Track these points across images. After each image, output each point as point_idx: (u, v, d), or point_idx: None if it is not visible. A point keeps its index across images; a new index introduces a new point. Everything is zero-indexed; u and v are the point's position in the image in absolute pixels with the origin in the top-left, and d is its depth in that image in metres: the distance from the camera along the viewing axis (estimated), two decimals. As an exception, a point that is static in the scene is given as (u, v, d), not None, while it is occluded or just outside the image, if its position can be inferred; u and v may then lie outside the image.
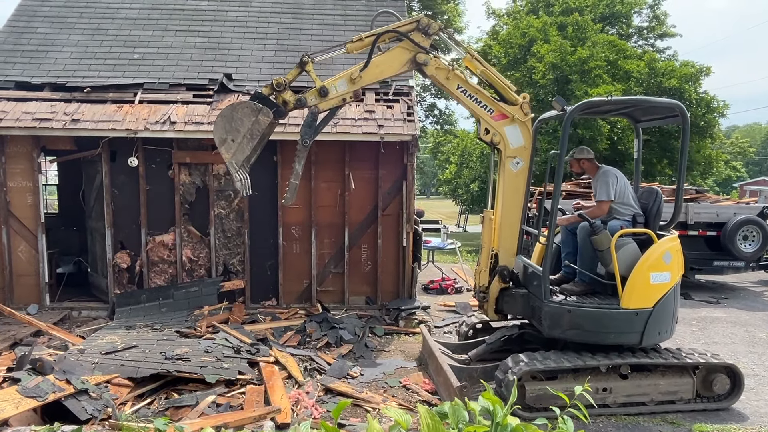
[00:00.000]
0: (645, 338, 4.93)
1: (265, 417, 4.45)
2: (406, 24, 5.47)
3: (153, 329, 6.75)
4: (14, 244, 7.96)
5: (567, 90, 17.80)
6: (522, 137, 5.45)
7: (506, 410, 2.92)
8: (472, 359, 5.65)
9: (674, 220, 5.39)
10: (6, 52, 8.73)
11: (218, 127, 5.20)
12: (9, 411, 4.10)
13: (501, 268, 5.48)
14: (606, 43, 19.23)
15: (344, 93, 5.40)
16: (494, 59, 22.47)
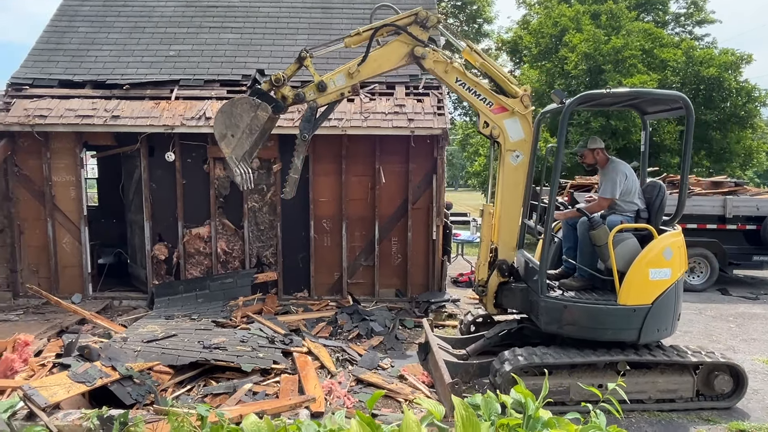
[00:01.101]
0: (643, 335, 4.85)
1: (301, 405, 4.56)
2: (404, 17, 5.41)
3: (191, 319, 6.98)
4: (59, 236, 8.31)
5: (600, 80, 17.43)
6: (522, 130, 5.36)
7: (538, 404, 2.96)
8: (470, 354, 5.62)
9: (678, 214, 5.26)
10: (49, 51, 9.06)
11: (218, 123, 5.26)
12: (60, 395, 4.32)
13: (500, 262, 5.43)
14: (641, 31, 18.73)
15: (342, 88, 5.42)
16: (525, 50, 22.15)
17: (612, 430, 2.83)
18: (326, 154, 8.19)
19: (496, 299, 5.54)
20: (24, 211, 8.28)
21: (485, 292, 5.55)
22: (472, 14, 26.17)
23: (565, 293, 5.18)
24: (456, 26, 26.79)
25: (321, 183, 8.25)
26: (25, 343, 5.42)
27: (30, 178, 8.21)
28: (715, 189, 10.81)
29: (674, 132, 17.35)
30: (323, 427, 2.79)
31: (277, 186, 8.24)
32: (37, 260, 8.36)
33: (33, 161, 8.17)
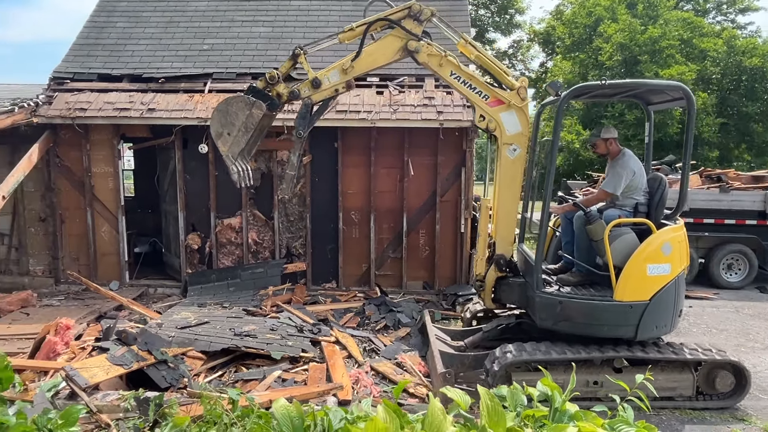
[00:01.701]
0: (640, 332, 4.72)
1: (328, 393, 4.65)
2: (397, 11, 5.31)
3: (222, 307, 7.14)
4: (98, 225, 8.59)
5: (636, 71, 17.01)
6: (519, 123, 5.23)
7: (565, 396, 2.95)
8: (467, 346, 5.59)
9: (679, 208, 5.09)
10: (89, 46, 9.34)
11: (214, 121, 5.29)
12: (100, 376, 4.51)
13: (498, 256, 5.33)
14: (680, 20, 18.16)
15: (337, 84, 5.36)
16: (558, 41, 21.74)
17: (640, 425, 2.81)
18: (355, 146, 8.23)
19: (494, 294, 5.47)
20: (65, 201, 8.58)
21: (483, 286, 5.48)
22: (503, 5, 25.74)
23: (561, 289, 5.10)
24: (487, 17, 26.46)
25: (350, 175, 8.31)
26: (66, 327, 5.62)
27: (71, 169, 8.49)
28: (756, 183, 10.43)
29: (713, 124, 16.81)
30: (350, 414, 2.85)
31: (306, 178, 8.34)
32: (77, 248, 8.66)
33: (73, 153, 8.44)
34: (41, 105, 8.19)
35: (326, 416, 2.72)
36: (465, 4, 9.96)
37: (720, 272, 9.76)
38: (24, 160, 7.55)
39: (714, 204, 9.68)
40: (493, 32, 26.91)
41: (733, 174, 10.90)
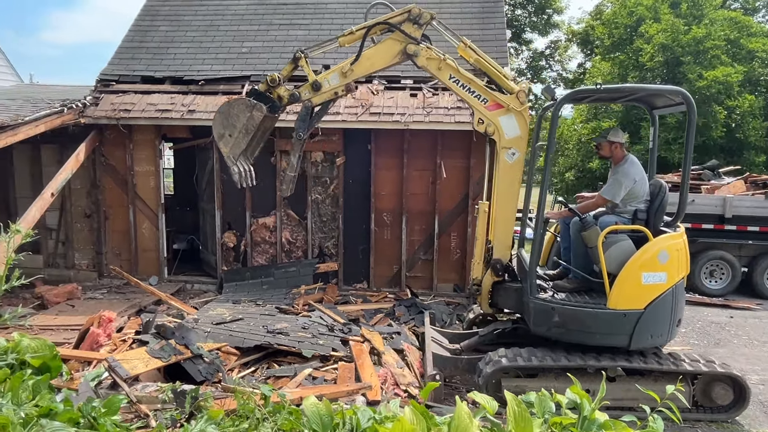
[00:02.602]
0: (634, 341, 4.61)
1: (357, 392, 4.69)
2: (397, 15, 5.27)
3: (256, 304, 7.28)
4: (139, 221, 8.89)
5: (678, 73, 16.51)
6: (518, 127, 5.15)
7: (595, 405, 2.92)
8: (463, 350, 5.53)
9: (680, 214, 4.92)
10: (134, 49, 9.66)
11: (216, 123, 5.34)
12: (140, 368, 4.68)
13: (494, 261, 5.26)
14: (726, 19, 17.52)
15: (336, 87, 5.36)
16: (597, 41, 21.29)
17: (672, 437, 2.76)
18: (388, 148, 8.28)
19: (491, 298, 5.40)
20: (109, 199, 8.90)
21: (479, 291, 5.43)
22: (541, 5, 25.36)
23: (555, 295, 5.01)
24: (524, 17, 26.12)
25: (382, 177, 8.36)
26: (108, 319, 5.83)
27: (115, 168, 8.81)
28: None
29: (760, 128, 16.15)
30: (378, 414, 2.90)
31: (339, 179, 8.43)
32: (119, 244, 8.97)
33: (118, 152, 8.75)
34: (88, 106, 8.52)
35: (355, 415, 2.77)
36: (501, 5, 9.87)
37: (765, 282, 9.41)
38: (71, 159, 7.86)
39: (759, 211, 9.34)
40: (530, 32, 26.55)
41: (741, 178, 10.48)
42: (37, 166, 9.14)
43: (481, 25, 9.40)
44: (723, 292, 9.41)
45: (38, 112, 7.78)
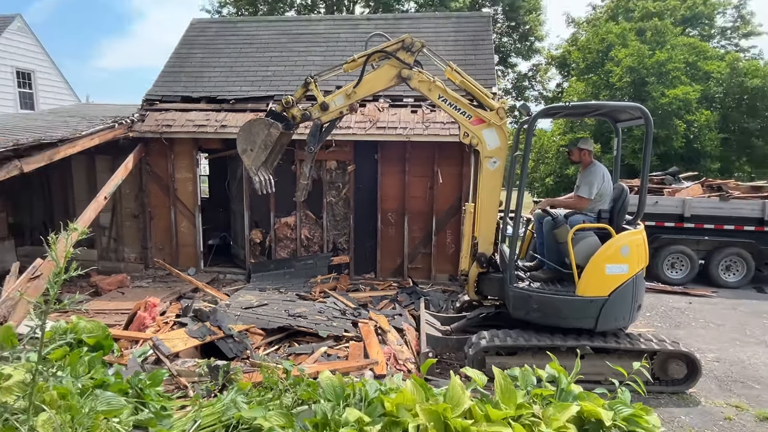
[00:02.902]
0: (600, 324, 4.60)
1: (366, 367, 4.69)
2: (393, 44, 5.28)
3: (279, 292, 7.30)
4: (179, 221, 8.93)
5: (643, 92, 16.39)
6: (498, 139, 5.14)
7: (570, 379, 2.92)
8: (453, 331, 5.53)
9: (639, 213, 4.90)
10: (174, 73, 9.72)
11: (240, 139, 5.42)
12: (180, 346, 4.70)
13: (479, 254, 5.25)
14: (685, 45, 17.40)
15: (341, 107, 5.37)
16: (573, 64, 21.19)
17: (638, 406, 2.75)
18: (392, 157, 8.28)
19: (476, 287, 5.38)
20: (153, 201, 8.95)
21: (467, 280, 5.42)
22: (524, 33, 25.24)
23: (532, 284, 5.00)
24: (510, 44, 26.02)
25: (387, 182, 8.35)
26: (153, 304, 5.88)
27: (158, 175, 8.86)
28: (755, 193, 9.91)
29: (715, 139, 16.02)
30: (384, 386, 2.90)
31: (350, 184, 8.44)
32: (162, 240, 9.01)
33: (161, 161, 8.80)
34: (136, 122, 8.57)
35: (364, 387, 2.78)
36: (489, 34, 9.85)
37: (719, 273, 9.33)
38: (121, 168, 7.91)
39: (714, 211, 9.27)
40: (515, 57, 26.42)
41: (733, 184, 10.38)
42: (92, 173, 9.20)
43: (473, 50, 9.38)
44: (683, 282, 9.35)
45: (93, 128, 7.83)
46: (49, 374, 2.44)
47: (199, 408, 2.98)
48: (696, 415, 4.40)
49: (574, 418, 2.55)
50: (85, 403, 2.29)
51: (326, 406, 2.53)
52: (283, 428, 2.42)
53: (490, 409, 2.45)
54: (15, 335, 2.97)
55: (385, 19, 10.69)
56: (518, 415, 2.52)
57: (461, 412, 2.41)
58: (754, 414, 4.43)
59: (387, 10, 21.99)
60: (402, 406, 2.41)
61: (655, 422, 2.63)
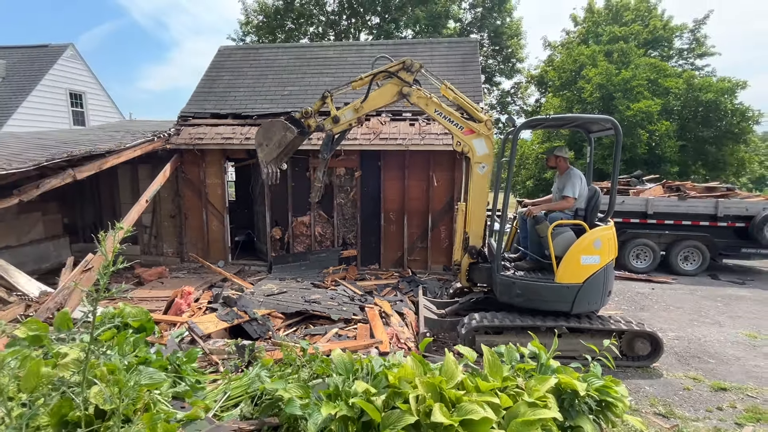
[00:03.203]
0: (575, 307, 4.60)
1: (372, 346, 4.70)
2: (395, 65, 5.32)
3: (296, 281, 7.31)
4: (210, 220, 8.95)
5: (611, 105, 16.30)
6: (486, 147, 5.17)
7: (549, 355, 2.90)
8: (447, 314, 5.52)
9: (609, 212, 4.90)
10: (204, 93, 9.74)
11: (258, 134, 5.38)
12: (211, 328, 4.72)
13: (470, 247, 5.26)
14: (648, 64, 17.28)
15: (351, 119, 5.39)
16: (549, 82, 21.08)
17: (608, 379, 2.74)
18: (393, 165, 8.26)
19: (468, 275, 5.38)
20: (188, 204, 8.98)
21: (460, 269, 5.42)
22: (507, 55, 25.14)
23: (516, 273, 4.99)
24: (494, 65, 25.91)
25: (389, 186, 8.35)
26: (188, 292, 5.90)
27: (192, 181, 8.89)
28: (709, 193, 9.85)
29: (674, 146, 15.92)
30: (387, 361, 2.90)
31: (357, 188, 8.43)
32: (195, 237, 9.04)
33: (194, 169, 8.83)
34: (172, 136, 8.59)
35: (370, 363, 2.78)
36: (477, 56, 9.82)
37: (678, 262, 9.28)
38: (160, 175, 7.94)
39: (673, 209, 9.22)
40: (498, 76, 26.33)
41: (690, 185, 10.32)
42: (135, 180, 9.24)
43: (462, 71, 9.35)
44: (646, 270, 9.30)
45: (136, 141, 7.86)
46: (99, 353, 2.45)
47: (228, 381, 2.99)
48: (659, 386, 4.38)
49: (553, 389, 2.54)
50: (131, 378, 2.30)
51: (338, 380, 2.53)
52: (301, 398, 2.42)
53: (480, 382, 2.45)
54: (71, 319, 2.99)
55: (386, 45, 10.66)
56: (504, 387, 2.52)
57: (455, 384, 2.41)
58: (710, 385, 4.41)
59: (388, 37, 21.95)
60: (403, 379, 2.41)
61: (623, 392, 2.62)
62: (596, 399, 2.56)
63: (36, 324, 2.71)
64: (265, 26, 23.26)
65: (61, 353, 2.45)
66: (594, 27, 21.21)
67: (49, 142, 8.01)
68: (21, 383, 2.20)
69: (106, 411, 2.12)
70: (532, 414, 2.23)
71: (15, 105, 14.54)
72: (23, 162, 5.94)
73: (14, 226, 8.03)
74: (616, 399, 2.56)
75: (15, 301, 5.35)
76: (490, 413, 2.16)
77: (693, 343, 5.54)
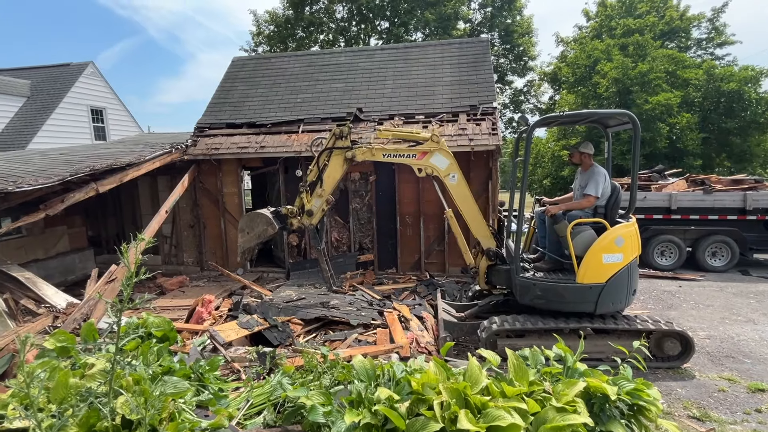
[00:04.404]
0: (599, 307, 4.45)
1: (392, 351, 4.66)
2: (329, 140, 5.56)
3: (314, 287, 7.32)
4: (228, 229, 9.06)
5: (628, 99, 15.94)
6: (445, 158, 5.19)
7: (576, 357, 2.82)
8: (467, 317, 5.45)
9: (631, 208, 4.74)
10: (220, 104, 9.90)
11: (243, 220, 5.79)
12: (232, 336, 4.75)
13: (487, 249, 5.21)
14: (665, 56, 16.85)
15: (321, 206, 5.69)
16: (563, 78, 20.77)
17: (639, 381, 2.64)
18: (408, 168, 8.19)
19: (486, 278, 5.31)
20: (206, 213, 9.12)
21: (478, 272, 5.35)
22: (518, 54, 24.89)
23: (535, 274, 4.87)
24: (506, 64, 25.69)
25: (404, 189, 8.31)
26: (209, 300, 5.96)
27: (209, 191, 9.02)
28: (736, 186, 9.50)
29: (697, 139, 15.46)
30: (409, 367, 2.86)
31: (372, 192, 8.43)
32: (214, 245, 9.17)
33: (211, 179, 8.96)
34: (189, 147, 8.75)
35: (391, 369, 2.75)
36: (488, 56, 9.73)
37: (705, 258, 8.97)
38: (179, 186, 8.08)
39: (699, 203, 8.93)
40: (510, 75, 26.07)
41: (715, 178, 9.98)
42: (154, 191, 9.43)
43: (474, 71, 9.29)
44: (672, 267, 9.02)
45: (154, 153, 8.03)
46: (125, 363, 2.48)
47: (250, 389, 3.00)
48: (691, 388, 4.21)
49: (582, 393, 2.46)
50: (156, 387, 2.32)
51: (360, 386, 2.51)
52: (323, 405, 2.40)
53: (506, 386, 2.39)
54: (96, 330, 3.05)
55: (396, 49, 10.66)
56: (531, 392, 2.45)
57: (479, 389, 2.36)
58: (746, 386, 4.22)
59: (398, 41, 22.00)
60: (427, 385, 2.37)
61: (656, 395, 2.52)
62: (628, 403, 2.47)
63: (63, 335, 2.77)
64: (276, 36, 23.60)
65: (87, 364, 2.49)
66: (607, 21, 20.82)
67: (72, 157, 8.25)
68: (50, 394, 2.24)
69: (133, 421, 2.14)
70: (562, 419, 2.16)
71: (40, 123, 15.07)
72: (48, 177, 6.13)
73: (41, 239, 8.28)
74: (648, 402, 2.47)
75: (43, 313, 5.50)
76: (517, 419, 2.11)
77: (726, 342, 5.32)
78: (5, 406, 2.22)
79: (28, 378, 1.89)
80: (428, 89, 9.10)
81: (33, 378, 2.22)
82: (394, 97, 9.16)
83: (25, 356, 1.93)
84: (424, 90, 9.11)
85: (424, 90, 9.11)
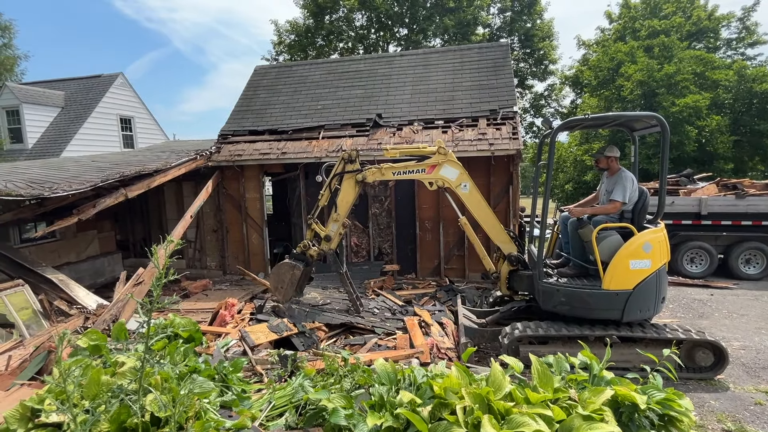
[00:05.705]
0: (626, 315, 4.29)
1: (412, 356, 4.63)
2: (338, 165, 5.62)
3: (339, 291, 7.34)
4: (250, 233, 9.23)
5: (654, 102, 15.52)
6: (454, 169, 5.18)
7: (602, 365, 2.74)
8: (488, 323, 5.34)
9: (659, 213, 4.54)
10: (243, 111, 10.14)
11: (271, 280, 5.87)
12: (261, 339, 4.79)
13: (509, 255, 5.12)
14: (692, 57, 16.35)
15: (338, 229, 5.73)
16: (585, 81, 20.40)
17: (669, 391, 2.55)
18: (427, 172, 8.20)
19: (508, 283, 5.22)
20: (229, 218, 9.31)
21: (499, 278, 5.27)
22: (539, 57, 24.60)
23: (559, 279, 4.74)
24: (526, 69, 25.43)
25: (423, 194, 8.30)
26: (232, 304, 6.06)
27: (232, 196, 9.22)
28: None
29: (728, 142, 14.90)
30: (430, 372, 2.84)
31: (392, 197, 8.44)
32: (237, 250, 9.33)
33: (234, 185, 9.16)
34: (213, 153, 8.98)
35: (412, 373, 2.74)
36: (509, 60, 9.67)
37: (738, 266, 8.60)
38: (203, 191, 8.29)
39: (731, 208, 8.58)
40: (531, 80, 25.78)
41: (748, 182, 9.58)
42: (180, 196, 9.69)
43: (494, 76, 9.23)
44: (703, 275, 8.68)
45: (180, 160, 8.27)
46: (154, 362, 2.55)
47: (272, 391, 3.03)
48: (726, 401, 4.03)
49: (609, 401, 2.39)
50: (184, 386, 2.38)
51: (381, 390, 2.50)
52: (345, 408, 2.41)
53: (530, 393, 2.34)
54: (126, 330, 3.14)
55: (416, 54, 10.70)
56: (555, 399, 2.39)
57: (503, 395, 2.32)
58: (786, 399, 4.01)
59: (416, 47, 22.09)
60: (449, 390, 2.35)
61: (688, 406, 2.43)
62: (658, 413, 2.38)
63: (95, 334, 2.87)
64: (297, 44, 24.04)
65: (118, 362, 2.58)
66: (631, 23, 20.38)
67: (103, 164, 8.58)
68: (84, 391, 2.32)
69: (161, 418, 2.19)
70: (588, 428, 2.10)
71: (73, 132, 15.75)
72: (81, 183, 6.39)
73: (74, 243, 8.62)
74: (680, 413, 2.38)
75: (75, 314, 5.71)
76: (542, 426, 2.06)
77: (762, 353, 5.08)
78: (42, 400, 2.31)
79: (65, 374, 1.97)
80: (448, 94, 9.09)
81: (68, 375, 2.31)
82: (413, 102, 9.18)
83: (61, 353, 2.01)
84: (444, 95, 9.11)
85: (444, 95, 9.11)
